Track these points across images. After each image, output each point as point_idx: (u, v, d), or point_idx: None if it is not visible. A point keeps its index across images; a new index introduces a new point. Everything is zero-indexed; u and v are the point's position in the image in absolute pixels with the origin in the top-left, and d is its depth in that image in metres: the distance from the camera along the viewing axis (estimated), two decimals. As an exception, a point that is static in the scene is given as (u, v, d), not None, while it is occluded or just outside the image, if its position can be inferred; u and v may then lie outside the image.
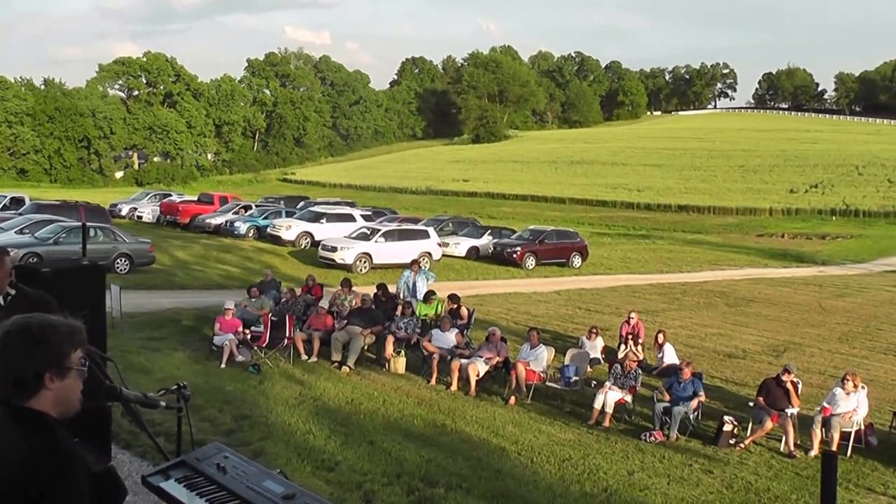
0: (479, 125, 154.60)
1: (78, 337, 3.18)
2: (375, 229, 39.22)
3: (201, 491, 4.27)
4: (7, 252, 6.58)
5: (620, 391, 16.38)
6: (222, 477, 4.33)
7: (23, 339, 3.06)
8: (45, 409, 3.08)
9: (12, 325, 3.12)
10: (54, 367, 3.07)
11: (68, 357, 3.11)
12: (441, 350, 18.77)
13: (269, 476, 4.33)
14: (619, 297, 32.83)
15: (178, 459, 4.64)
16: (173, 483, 4.39)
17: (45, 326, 3.11)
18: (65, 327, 3.16)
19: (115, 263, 29.90)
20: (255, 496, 4.11)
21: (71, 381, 3.13)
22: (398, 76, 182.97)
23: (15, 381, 3.05)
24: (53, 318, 3.17)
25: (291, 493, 4.09)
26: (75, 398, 3.18)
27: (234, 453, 4.58)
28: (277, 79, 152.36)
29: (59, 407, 3.12)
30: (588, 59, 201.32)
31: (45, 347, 3.06)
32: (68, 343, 3.13)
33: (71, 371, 3.12)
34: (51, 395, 3.08)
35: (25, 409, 3.06)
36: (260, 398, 14.60)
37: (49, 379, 3.06)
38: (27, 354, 3.04)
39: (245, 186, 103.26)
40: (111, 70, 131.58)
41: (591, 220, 73.29)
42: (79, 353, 3.17)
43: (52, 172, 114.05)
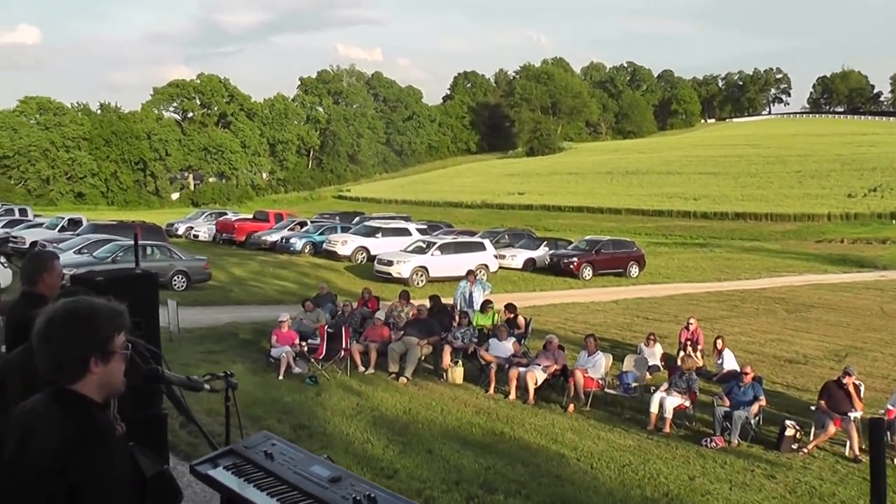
0: (533, 138, 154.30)
1: (120, 320, 3.20)
2: (431, 242, 39.27)
3: (249, 477, 4.29)
4: (56, 256, 6.65)
5: (680, 396, 16.24)
6: (270, 463, 4.34)
7: (68, 324, 3.08)
8: (88, 393, 3.10)
9: (58, 310, 3.15)
10: (98, 351, 3.09)
11: (112, 341, 3.14)
12: (498, 359, 18.72)
13: (316, 461, 4.34)
14: (677, 305, 32.57)
15: (227, 448, 4.65)
16: (221, 470, 4.41)
17: (89, 311, 3.13)
18: (108, 311, 3.18)
19: (172, 280, 30.19)
20: (301, 480, 4.12)
21: (115, 364, 3.15)
22: (451, 91, 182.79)
23: (60, 365, 3.08)
24: (97, 302, 3.18)
25: (338, 476, 4.09)
26: (118, 380, 3.20)
27: (282, 441, 4.59)
28: (330, 96, 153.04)
29: (104, 390, 3.16)
30: (640, 68, 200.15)
31: (89, 332, 3.09)
32: (112, 327, 3.15)
33: (115, 355, 3.15)
34: (95, 379, 3.10)
35: (68, 391, 3.08)
36: (318, 409, 14.61)
37: (94, 363, 3.08)
38: (72, 339, 3.07)
39: (300, 204, 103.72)
40: (166, 93, 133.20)
41: (647, 230, 72.74)
42: (122, 336, 3.19)
43: (109, 195, 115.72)
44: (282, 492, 4.09)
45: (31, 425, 3.11)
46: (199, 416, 10.27)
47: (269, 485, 4.18)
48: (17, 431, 3.16)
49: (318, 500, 3.95)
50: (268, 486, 4.17)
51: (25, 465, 3.05)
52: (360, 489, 3.94)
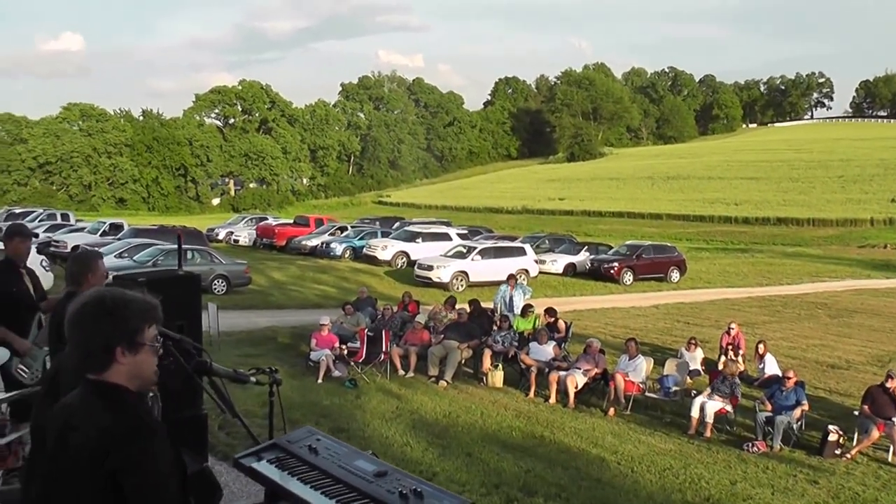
0: (574, 143, 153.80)
1: (152, 313, 3.21)
2: (472, 247, 39.20)
3: (293, 470, 4.31)
4: (100, 255, 6.69)
5: (722, 401, 16.14)
6: (314, 457, 4.36)
7: (96, 312, 3.10)
8: (121, 383, 3.11)
9: (87, 298, 3.17)
10: (125, 341, 3.09)
11: (141, 332, 3.14)
12: (539, 363, 18.70)
13: (360, 456, 4.37)
14: (718, 310, 32.39)
15: (270, 442, 4.67)
16: (265, 464, 4.44)
17: (118, 300, 3.14)
18: (139, 303, 3.19)
19: (213, 284, 30.32)
20: (346, 474, 4.13)
21: (143, 356, 3.15)
22: (491, 96, 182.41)
23: (87, 353, 3.10)
24: (129, 293, 3.20)
25: (384, 471, 4.11)
26: (149, 373, 3.20)
27: (326, 435, 4.59)
28: (371, 102, 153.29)
29: (135, 381, 3.16)
30: (681, 73, 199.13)
31: (116, 321, 3.09)
32: (141, 318, 3.16)
33: (143, 346, 3.14)
34: (123, 370, 3.11)
35: (104, 382, 3.10)
36: (357, 412, 14.62)
37: (120, 353, 3.09)
38: (99, 327, 3.09)
39: (340, 210, 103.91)
40: (207, 99, 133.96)
41: (688, 235, 72.38)
42: (153, 329, 3.19)
43: (150, 201, 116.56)
44: (326, 485, 4.10)
45: (70, 419, 3.14)
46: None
47: (314, 478, 4.19)
48: (57, 426, 3.19)
49: (363, 493, 3.97)
50: (312, 479, 4.19)
51: (67, 459, 3.09)
52: (405, 483, 3.96)
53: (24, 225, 10.97)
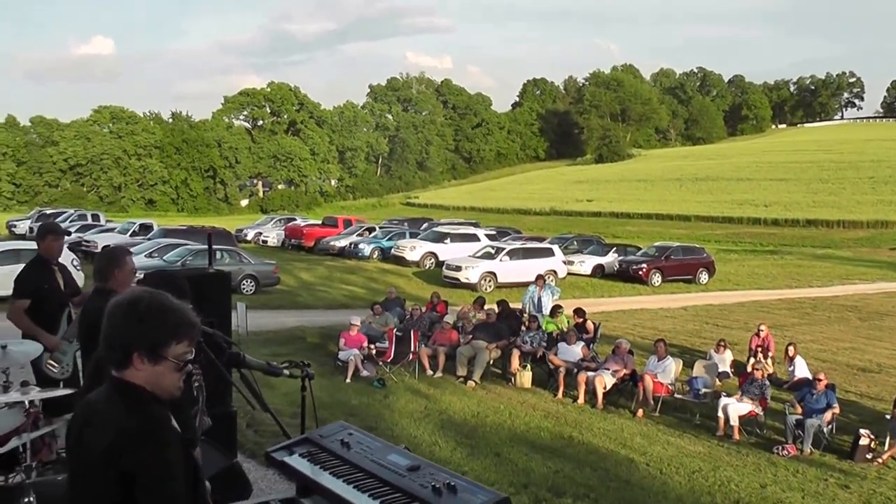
0: (602, 145, 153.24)
1: (185, 331, 3.16)
2: (500, 248, 39.17)
3: (325, 465, 4.30)
4: (128, 252, 6.73)
5: (751, 403, 16.07)
6: (346, 452, 4.36)
7: (127, 313, 3.09)
8: (142, 384, 3.10)
9: (128, 296, 3.17)
10: (145, 349, 3.06)
11: (165, 346, 3.10)
12: (567, 363, 18.69)
13: (393, 450, 4.35)
14: (747, 312, 32.22)
15: (302, 436, 4.67)
16: (297, 458, 4.44)
17: (154, 308, 3.11)
18: (176, 316, 3.15)
19: (241, 284, 30.46)
20: (379, 468, 4.12)
21: (162, 369, 3.11)
22: (520, 98, 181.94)
23: (109, 346, 3.10)
24: (173, 305, 3.16)
25: (416, 465, 4.09)
26: (167, 386, 3.16)
27: (358, 430, 4.60)
28: (399, 103, 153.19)
29: (154, 388, 3.13)
30: (710, 73, 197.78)
31: (143, 328, 3.07)
32: (170, 333, 3.11)
33: (164, 360, 3.10)
34: (141, 375, 3.09)
35: (125, 381, 3.10)
36: (385, 411, 14.65)
37: (138, 358, 3.06)
38: (125, 328, 3.08)
39: (368, 211, 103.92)
40: (236, 101, 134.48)
41: (717, 237, 71.93)
42: (182, 347, 3.14)
43: (179, 202, 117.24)
44: (359, 479, 4.09)
45: (90, 416, 3.16)
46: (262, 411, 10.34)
47: (346, 472, 4.19)
48: (78, 423, 3.23)
49: (395, 488, 3.96)
50: (344, 473, 4.18)
51: (83, 455, 3.12)
52: (439, 478, 3.94)
53: (56, 223, 11.11)
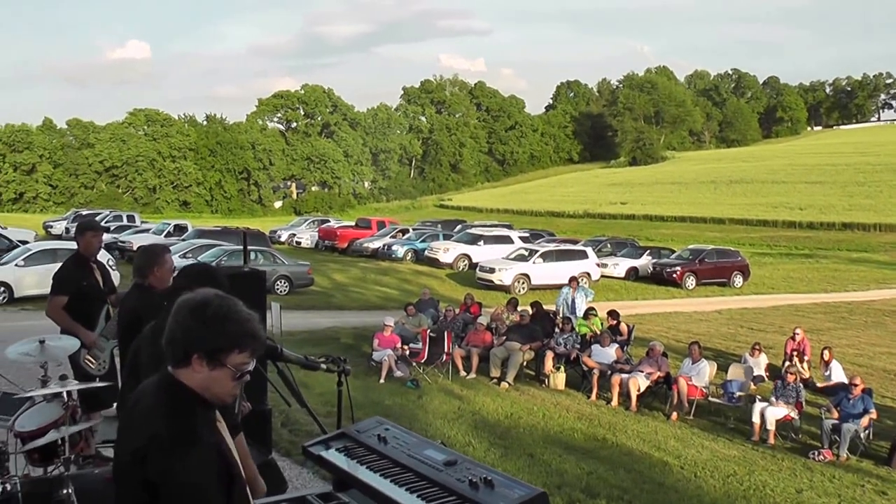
0: (636, 147, 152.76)
1: (247, 342, 3.10)
2: (533, 250, 39.21)
3: (361, 459, 4.32)
4: (167, 249, 6.80)
5: (786, 407, 15.96)
6: (383, 447, 4.37)
7: (194, 313, 3.06)
8: (194, 387, 3.08)
9: (199, 296, 3.14)
10: (205, 353, 3.03)
11: (226, 353, 3.05)
12: (601, 365, 18.65)
13: (430, 445, 4.36)
14: (782, 315, 32.03)
15: (339, 431, 4.70)
16: (334, 452, 4.46)
17: (220, 315, 3.07)
18: (240, 326, 3.09)
19: (275, 285, 30.63)
20: (416, 463, 4.13)
21: (219, 374, 3.07)
22: (553, 100, 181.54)
23: (170, 342, 3.08)
24: (238, 312, 3.11)
25: (453, 460, 4.10)
26: (221, 392, 3.13)
27: (395, 425, 4.61)
28: (433, 106, 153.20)
29: (206, 392, 3.10)
30: (745, 75, 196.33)
31: (206, 331, 3.04)
32: (232, 342, 3.07)
33: (223, 367, 3.07)
34: (196, 377, 3.06)
35: (177, 382, 3.08)
36: (419, 412, 14.66)
37: (197, 360, 3.03)
38: (188, 327, 3.05)
39: (402, 213, 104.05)
40: (270, 104, 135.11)
41: (751, 240, 71.42)
42: (242, 357, 3.09)
43: (213, 204, 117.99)
44: (395, 474, 4.11)
45: (133, 413, 3.17)
46: (297, 408, 10.39)
47: (382, 467, 4.20)
48: (126, 415, 3.27)
49: (432, 482, 3.96)
50: (381, 468, 4.19)
51: (119, 452, 3.17)
52: (475, 472, 3.94)
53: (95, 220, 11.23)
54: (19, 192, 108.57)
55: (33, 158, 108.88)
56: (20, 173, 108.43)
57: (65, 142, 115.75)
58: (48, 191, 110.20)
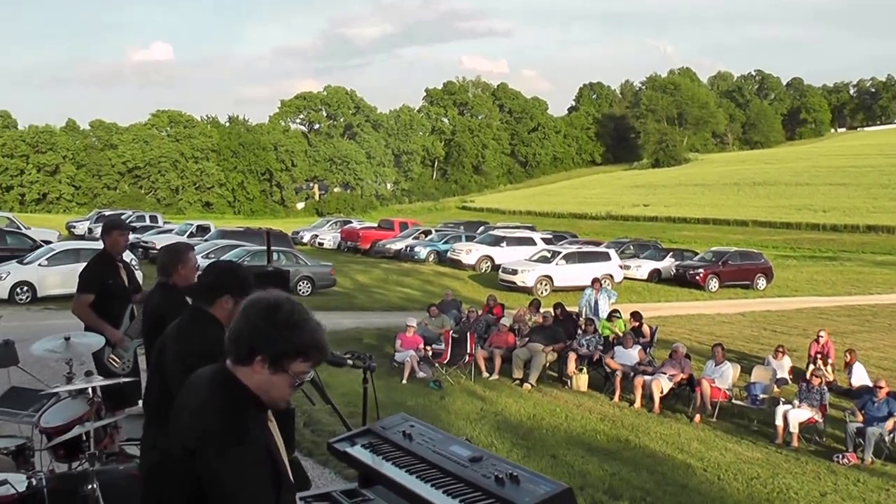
0: (659, 149, 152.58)
1: (311, 352, 3.11)
2: (556, 252, 39.18)
3: (387, 455, 4.33)
4: (191, 248, 6.82)
5: (809, 410, 15.88)
6: (408, 443, 4.39)
7: (266, 314, 3.05)
8: (251, 386, 3.07)
9: (273, 298, 3.13)
10: (269, 355, 3.02)
11: (290, 359, 3.06)
12: (624, 367, 18.61)
13: (455, 442, 4.38)
14: (805, 318, 31.89)
15: (364, 428, 4.71)
16: (359, 448, 4.48)
17: (291, 321, 3.07)
18: (307, 334, 3.09)
19: (298, 286, 30.65)
20: (441, 459, 4.14)
21: (279, 380, 3.07)
22: (576, 102, 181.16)
23: (236, 339, 3.07)
24: (308, 320, 3.11)
25: (479, 456, 4.10)
26: (277, 396, 3.12)
27: (421, 422, 4.61)
28: (455, 107, 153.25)
29: (263, 395, 3.09)
30: (768, 76, 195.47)
31: (275, 334, 3.03)
32: (297, 349, 3.07)
33: (284, 373, 3.06)
34: (255, 378, 3.05)
35: (236, 380, 3.08)
36: (441, 412, 14.66)
37: (260, 361, 3.02)
38: (257, 327, 3.04)
39: (424, 214, 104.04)
40: (293, 105, 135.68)
41: (775, 242, 71.16)
42: (304, 365, 3.10)
43: (235, 205, 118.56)
44: (421, 470, 4.11)
45: (183, 406, 3.19)
46: (319, 409, 10.42)
47: (408, 463, 4.20)
48: (176, 408, 3.25)
49: (458, 478, 3.96)
50: (406, 464, 4.20)
51: (170, 444, 3.15)
52: (501, 468, 3.94)
53: (122, 219, 11.32)
54: (43, 193, 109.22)
55: (57, 159, 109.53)
56: (44, 174, 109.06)
57: (88, 143, 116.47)
58: (71, 191, 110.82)
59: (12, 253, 30.00)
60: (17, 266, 27.25)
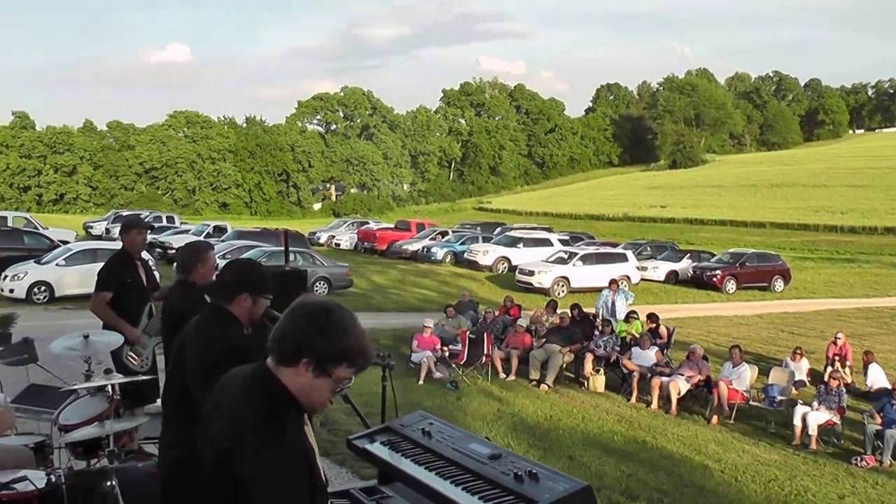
0: (676, 150, 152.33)
1: (358, 358, 3.10)
2: (573, 253, 39.18)
3: (405, 452, 4.35)
4: (211, 246, 6.86)
5: (827, 412, 15.81)
6: (427, 440, 4.41)
7: (315, 318, 3.04)
8: (292, 390, 3.04)
9: (323, 303, 3.14)
10: (315, 358, 3.00)
11: (335, 365, 3.04)
12: (641, 368, 18.57)
13: (474, 439, 4.40)
14: (823, 320, 31.80)
15: (383, 425, 4.74)
16: (378, 445, 4.51)
17: (340, 327, 3.06)
18: (355, 341, 3.09)
19: (314, 286, 30.65)
20: (460, 456, 4.15)
21: (322, 383, 3.05)
22: (593, 103, 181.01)
23: (281, 339, 3.04)
24: (356, 328, 3.10)
25: (498, 454, 4.13)
26: (317, 400, 3.11)
27: (439, 420, 4.63)
28: (472, 108, 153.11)
29: (303, 398, 3.07)
30: (786, 77, 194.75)
31: (324, 339, 3.01)
32: (343, 355, 3.05)
33: (328, 377, 3.05)
34: (299, 381, 3.03)
35: (277, 381, 3.05)
36: (458, 413, 14.66)
37: (305, 364, 3.00)
38: (303, 330, 3.02)
39: (441, 215, 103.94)
40: (309, 106, 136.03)
41: (792, 244, 70.88)
42: (348, 372, 3.09)
43: (252, 205, 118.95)
44: (440, 467, 4.12)
45: (218, 405, 3.17)
46: (336, 408, 10.43)
47: (427, 460, 4.22)
48: (210, 406, 3.24)
49: (477, 475, 3.97)
50: (425, 461, 4.21)
51: (204, 447, 3.14)
52: (520, 465, 3.96)
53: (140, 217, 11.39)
54: (60, 193, 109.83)
55: (74, 160, 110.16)
56: (61, 174, 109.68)
57: (105, 143, 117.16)
58: (88, 192, 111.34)
59: (30, 253, 30.17)
60: (35, 266, 27.46)
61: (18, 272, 26.94)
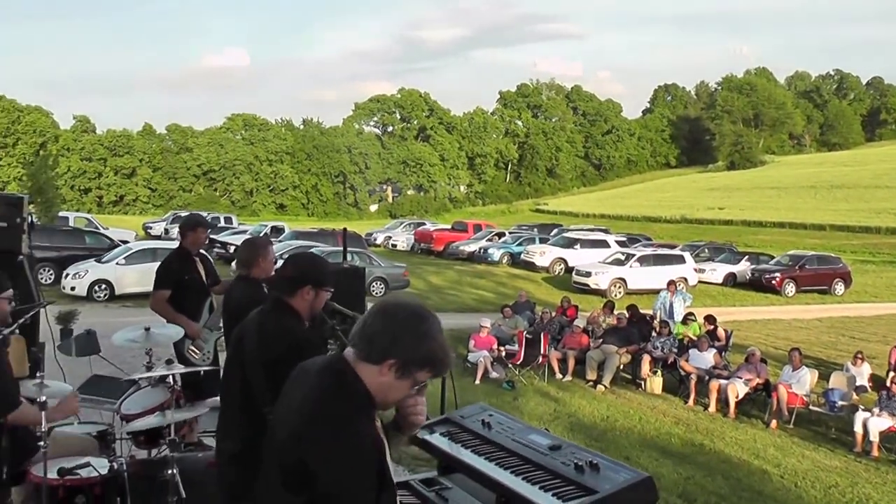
0: (734, 151, 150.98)
1: (438, 365, 3.11)
2: (630, 254, 39.03)
3: (465, 443, 4.39)
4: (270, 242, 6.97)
5: (890, 418, 15.58)
6: (487, 432, 4.45)
7: (409, 321, 3.04)
8: (370, 386, 3.02)
9: (416, 306, 3.15)
10: (400, 359, 2.99)
11: (418, 369, 3.05)
12: (699, 370, 18.44)
13: (534, 431, 4.44)
14: (886, 325, 31.40)
15: (443, 417, 4.79)
16: (438, 436, 4.55)
17: (430, 332, 3.07)
18: (440, 349, 3.10)
19: (371, 286, 30.74)
20: (520, 447, 4.18)
21: (400, 384, 3.05)
22: (650, 104, 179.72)
23: (371, 338, 3.02)
24: (441, 336, 3.11)
25: (558, 445, 4.15)
26: (391, 399, 3.12)
27: (499, 411, 4.66)
28: (529, 110, 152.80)
29: (379, 395, 3.05)
30: (847, 76, 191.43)
31: (413, 342, 3.02)
32: (425, 361, 3.06)
33: (408, 381, 3.05)
34: (378, 380, 3.01)
35: (357, 379, 3.03)
36: (514, 413, 14.50)
37: (389, 364, 2.99)
38: (395, 331, 3.01)
39: (497, 217, 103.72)
40: (366, 108, 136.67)
41: (853, 247, 69.88)
42: (426, 376, 3.10)
43: (309, 207, 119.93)
44: (500, 457, 4.14)
45: (291, 393, 3.17)
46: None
47: (487, 451, 4.24)
48: (283, 394, 3.23)
49: (537, 465, 3.98)
50: (485, 451, 4.23)
51: (275, 431, 3.13)
52: (581, 456, 4.00)
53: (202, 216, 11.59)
54: (120, 195, 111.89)
55: (134, 162, 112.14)
56: (121, 177, 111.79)
57: (164, 146, 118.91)
58: (147, 193, 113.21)
59: (91, 252, 30.65)
60: (96, 265, 28.05)
61: (79, 270, 27.54)
